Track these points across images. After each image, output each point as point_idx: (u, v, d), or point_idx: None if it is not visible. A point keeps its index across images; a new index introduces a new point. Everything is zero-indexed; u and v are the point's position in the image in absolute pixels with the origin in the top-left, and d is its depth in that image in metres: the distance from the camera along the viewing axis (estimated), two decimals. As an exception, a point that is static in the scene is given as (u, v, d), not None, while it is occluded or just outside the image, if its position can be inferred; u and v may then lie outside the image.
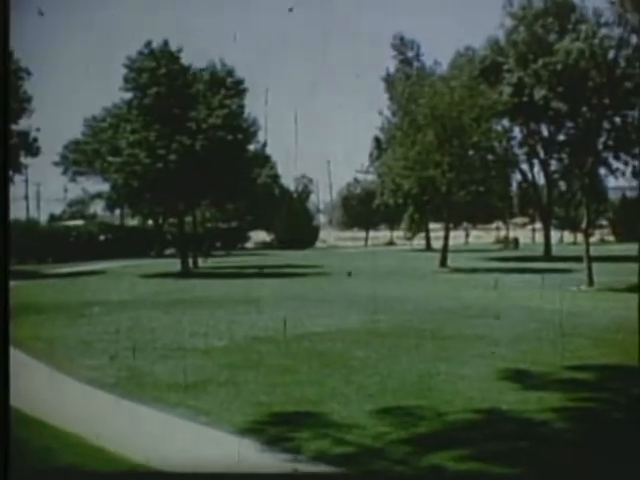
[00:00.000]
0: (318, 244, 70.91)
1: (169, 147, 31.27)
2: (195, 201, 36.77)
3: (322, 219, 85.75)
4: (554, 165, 45.06)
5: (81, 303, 18.08)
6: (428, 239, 61.65)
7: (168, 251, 52.09)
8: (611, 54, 38.80)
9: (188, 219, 41.37)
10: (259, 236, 73.74)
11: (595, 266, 21.70)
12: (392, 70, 46.61)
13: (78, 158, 44.23)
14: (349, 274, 28.07)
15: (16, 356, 7.64)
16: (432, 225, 63.65)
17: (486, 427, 7.35)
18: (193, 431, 7.36)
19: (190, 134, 31.65)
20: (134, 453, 6.62)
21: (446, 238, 35.27)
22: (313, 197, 77.75)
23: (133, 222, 58.65)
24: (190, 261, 35.75)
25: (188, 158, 31.23)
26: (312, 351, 11.23)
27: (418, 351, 11.09)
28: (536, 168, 46.17)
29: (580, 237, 29.74)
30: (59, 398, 8.57)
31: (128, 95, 33.03)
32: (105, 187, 43.11)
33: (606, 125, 41.43)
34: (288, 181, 74.39)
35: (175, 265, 33.93)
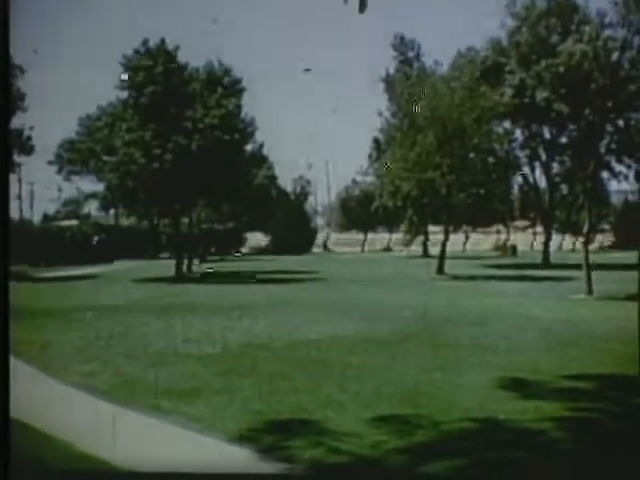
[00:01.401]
0: (314, 249, 70.97)
1: (165, 147, 31.35)
2: (191, 202, 36.81)
3: (320, 221, 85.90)
4: (556, 168, 45.22)
5: (74, 308, 18.14)
6: (425, 245, 61.76)
7: (163, 254, 52.19)
8: (615, 56, 38.94)
9: (184, 220, 41.44)
10: (255, 237, 73.85)
11: (595, 274, 21.78)
12: (392, 70, 46.77)
13: (73, 157, 44.37)
14: None
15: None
16: (431, 227, 63.84)
17: (483, 436, 7.42)
18: (185, 438, 7.42)
19: (186, 134, 31.73)
20: (124, 460, 6.67)
21: (444, 244, 35.35)
22: (311, 199, 78.01)
23: (128, 222, 58.73)
24: (184, 265, 35.72)
25: (184, 158, 31.30)
26: (307, 358, 11.28)
27: (415, 359, 11.14)
28: (538, 171, 46.32)
29: (579, 245, 29.74)
30: (49, 404, 8.62)
31: (124, 94, 33.09)
32: (100, 187, 43.23)
33: (609, 128, 41.59)
34: (285, 182, 74.71)
35: (169, 268, 33.94)
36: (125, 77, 32.32)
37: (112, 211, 57.74)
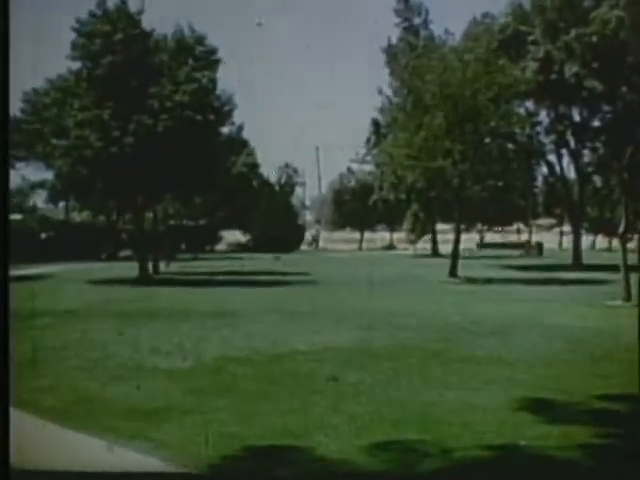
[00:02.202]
0: (303, 247, 71.05)
1: (126, 128, 31.33)
2: (156, 194, 36.86)
3: (309, 217, 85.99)
4: (587, 156, 45.39)
5: (21, 313, 18.07)
6: (435, 243, 62.05)
7: (123, 253, 52.13)
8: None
9: (148, 215, 41.40)
10: (233, 237, 73.88)
11: (635, 277, 21.86)
12: (394, 40, 46.82)
13: (16, 140, 44.19)
14: None
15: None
16: (440, 226, 64.06)
17: (501, 466, 7.45)
18: (153, 468, 7.42)
19: (151, 113, 31.73)
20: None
21: (457, 242, 35.43)
22: (298, 190, 78.06)
23: (81, 218, 58.62)
24: (150, 265, 35.79)
25: (148, 141, 31.30)
26: (295, 374, 11.33)
27: (421, 375, 11.19)
28: (565, 159, 46.58)
29: (616, 242, 29.92)
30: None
31: (77, 65, 33.04)
32: (48, 175, 43.15)
33: (649, 109, 41.77)
34: (269, 171, 74.80)
35: (132, 270, 33.91)
36: (78, 44, 32.28)
37: (62, 204, 57.64)
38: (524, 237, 71.29)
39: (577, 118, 44.04)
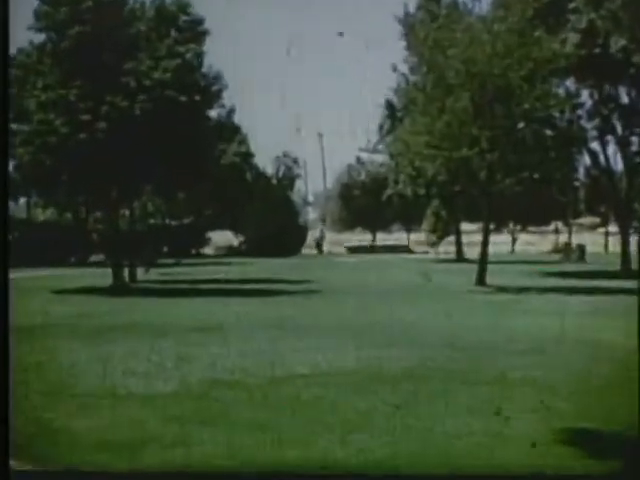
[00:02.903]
0: (305, 250, 71.12)
1: (97, 111, 31.34)
2: (133, 187, 36.88)
3: (312, 215, 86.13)
4: (636, 144, 45.29)
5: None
6: (459, 245, 62.11)
7: (94, 257, 52.16)
8: None
9: (123, 213, 41.39)
10: (223, 238, 74.00)
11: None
12: (412, 8, 46.78)
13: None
14: None
15: None
16: (465, 226, 64.09)
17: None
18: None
19: (127, 93, 31.75)
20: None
21: (485, 245, 35.41)
22: (299, 184, 78.17)
23: (45, 216, 58.67)
24: (126, 272, 35.82)
25: (123, 126, 31.33)
26: (296, 400, 11.28)
27: (444, 401, 11.15)
28: (611, 148, 46.41)
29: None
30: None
31: (40, 37, 33.02)
32: (7, 166, 43.00)
33: None
34: (264, 161, 74.90)
35: (105, 277, 33.93)
36: (41, 13, 32.28)
37: (23, 200, 57.66)
38: (563, 239, 71.26)
39: (625, 99, 44.01)
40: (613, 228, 58.35)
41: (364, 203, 75.34)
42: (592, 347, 16.18)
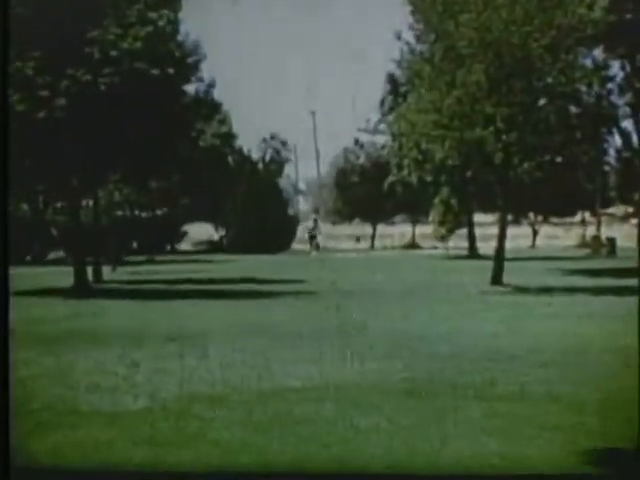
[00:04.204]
0: (297, 245, 71.14)
1: (56, 86, 31.22)
2: (98, 174, 36.78)
3: (304, 205, 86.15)
4: (676, 123, 45.34)
5: None
6: (472, 240, 62.05)
7: (54, 254, 52.07)
8: None
9: (87, 203, 41.35)
10: (201, 232, 73.93)
11: None
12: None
13: None
14: None
15: None
16: (479, 217, 64.04)
17: None
18: None
19: (90, 65, 31.62)
20: None
21: (502, 238, 35.39)
22: (289, 170, 78.16)
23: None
24: (90, 271, 35.77)
25: (87, 104, 31.20)
26: (286, 417, 11.30)
27: (456, 419, 11.17)
28: (646, 127, 46.40)
29: None
30: None
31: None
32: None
33: None
34: (249, 144, 74.84)
35: (66, 277, 33.87)
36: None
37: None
38: (591, 231, 71.33)
39: (662, 72, 44.03)
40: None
41: (363, 191, 75.17)
42: (624, 356, 16.17)
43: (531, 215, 72.07)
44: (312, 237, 63.09)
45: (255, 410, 11.75)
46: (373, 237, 78.71)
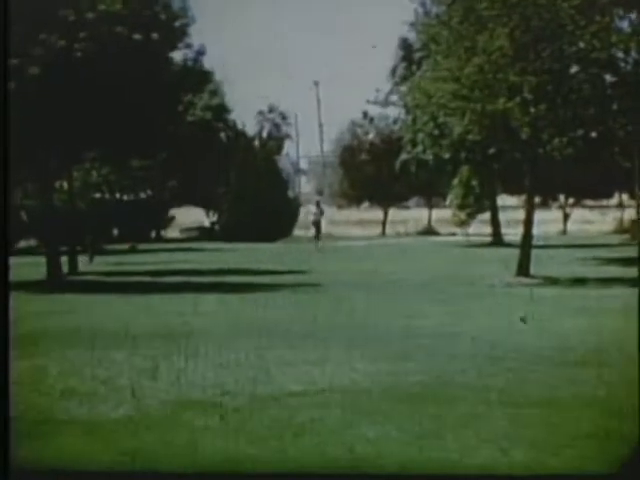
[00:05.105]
0: (298, 232, 71.18)
1: (27, 53, 31.18)
2: (73, 152, 36.82)
3: (306, 186, 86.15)
4: None
5: None
6: (496, 225, 62.10)
7: (24, 242, 52.16)
8: None
9: (61, 185, 41.41)
10: (191, 217, 73.96)
11: None
12: None
13: None
14: None
15: None
16: (503, 200, 64.06)
17: None
18: None
19: (66, 30, 31.59)
20: None
21: (529, 224, 35.42)
22: (290, 147, 78.09)
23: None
24: (64, 261, 35.83)
25: (61, 73, 31.16)
26: (286, 426, 11.30)
27: (475, 426, 11.20)
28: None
29: None
30: None
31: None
32: None
33: None
34: (244, 117, 74.73)
35: (38, 267, 33.93)
36: None
37: None
38: (630, 215, 71.30)
39: None
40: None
41: (372, 171, 75.28)
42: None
43: (562, 197, 72.09)
44: (316, 223, 63.15)
45: (251, 418, 11.78)
46: (384, 223, 78.63)
